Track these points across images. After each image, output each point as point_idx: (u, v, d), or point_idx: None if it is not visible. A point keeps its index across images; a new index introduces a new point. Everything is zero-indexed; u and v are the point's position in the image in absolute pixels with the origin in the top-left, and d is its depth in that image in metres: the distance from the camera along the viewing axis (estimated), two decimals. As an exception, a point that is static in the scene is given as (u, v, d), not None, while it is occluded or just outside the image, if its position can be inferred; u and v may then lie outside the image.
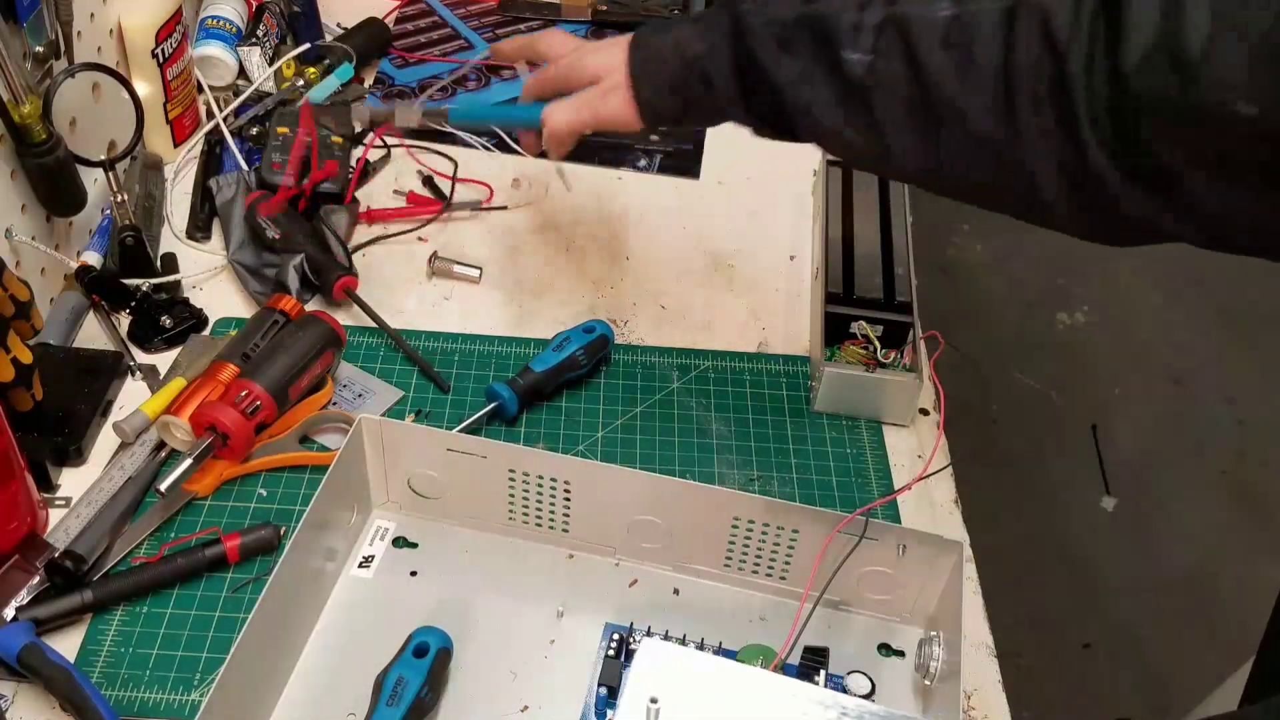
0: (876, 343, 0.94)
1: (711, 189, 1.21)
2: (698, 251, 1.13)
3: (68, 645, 0.76)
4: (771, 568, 0.81)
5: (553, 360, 0.94)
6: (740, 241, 1.14)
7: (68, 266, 0.99)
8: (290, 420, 0.90)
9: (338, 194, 1.09)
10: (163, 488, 0.82)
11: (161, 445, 0.89)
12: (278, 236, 1.02)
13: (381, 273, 1.04)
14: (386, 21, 1.36)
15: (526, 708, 0.75)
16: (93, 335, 0.98)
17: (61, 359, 0.93)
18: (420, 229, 1.10)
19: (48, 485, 0.86)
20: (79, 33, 0.99)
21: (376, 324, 0.99)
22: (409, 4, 1.42)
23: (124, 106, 1.02)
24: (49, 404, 0.87)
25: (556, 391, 0.96)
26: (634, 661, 0.60)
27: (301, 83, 1.22)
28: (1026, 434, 2.19)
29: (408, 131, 1.21)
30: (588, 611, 0.80)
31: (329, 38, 1.31)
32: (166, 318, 0.98)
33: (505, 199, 1.16)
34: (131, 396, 0.93)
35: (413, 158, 1.18)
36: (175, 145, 1.17)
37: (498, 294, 1.06)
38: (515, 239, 1.12)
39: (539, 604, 0.81)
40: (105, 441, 0.90)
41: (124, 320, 0.99)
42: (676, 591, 0.83)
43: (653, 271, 1.10)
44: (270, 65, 1.23)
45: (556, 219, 1.15)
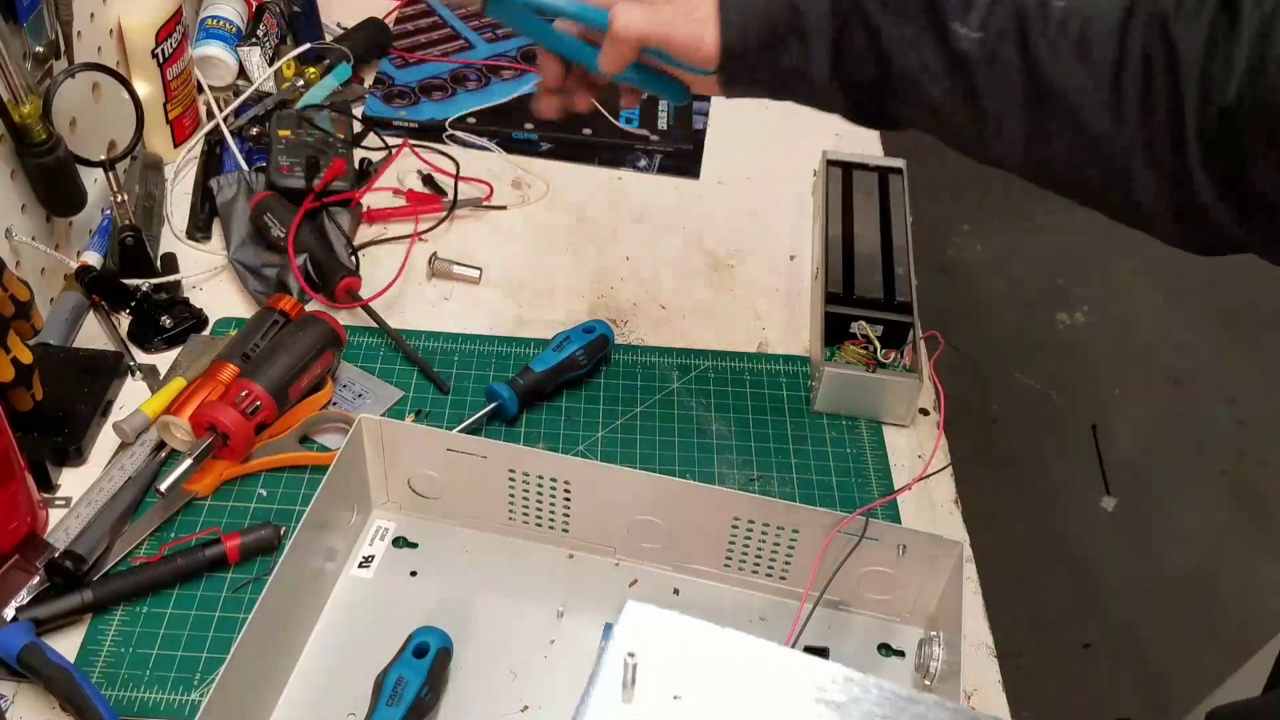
0: (876, 343, 0.94)
1: (711, 189, 1.21)
2: (698, 251, 1.13)
3: (68, 645, 0.76)
4: (771, 568, 0.81)
5: (553, 360, 0.94)
6: (740, 241, 1.14)
7: (68, 266, 0.99)
8: (290, 420, 0.90)
9: (345, 195, 1.09)
10: (163, 488, 0.82)
11: (161, 445, 0.89)
12: (282, 234, 1.01)
13: (382, 273, 1.04)
14: (386, 21, 1.36)
15: (526, 708, 0.75)
16: (93, 335, 0.98)
17: (61, 359, 0.93)
18: (421, 229, 1.10)
19: (48, 485, 0.86)
20: (79, 33, 0.99)
21: (377, 324, 0.99)
22: (409, 4, 1.42)
23: (124, 106, 1.02)
24: (49, 404, 0.87)
25: (556, 391, 0.96)
26: (618, 621, 0.60)
27: (301, 83, 1.22)
28: (1026, 434, 2.19)
29: (409, 131, 1.22)
30: (588, 611, 0.80)
31: (329, 38, 1.31)
32: (166, 318, 0.98)
33: (505, 199, 1.16)
34: (131, 396, 0.93)
35: (415, 155, 1.18)
36: (175, 145, 1.17)
37: (498, 294, 1.06)
38: (515, 239, 1.12)
39: (539, 604, 0.81)
40: (105, 441, 0.90)
41: (124, 320, 0.99)
42: (676, 591, 0.83)
43: (653, 271, 1.10)
44: (270, 65, 1.23)
45: (556, 219, 1.15)
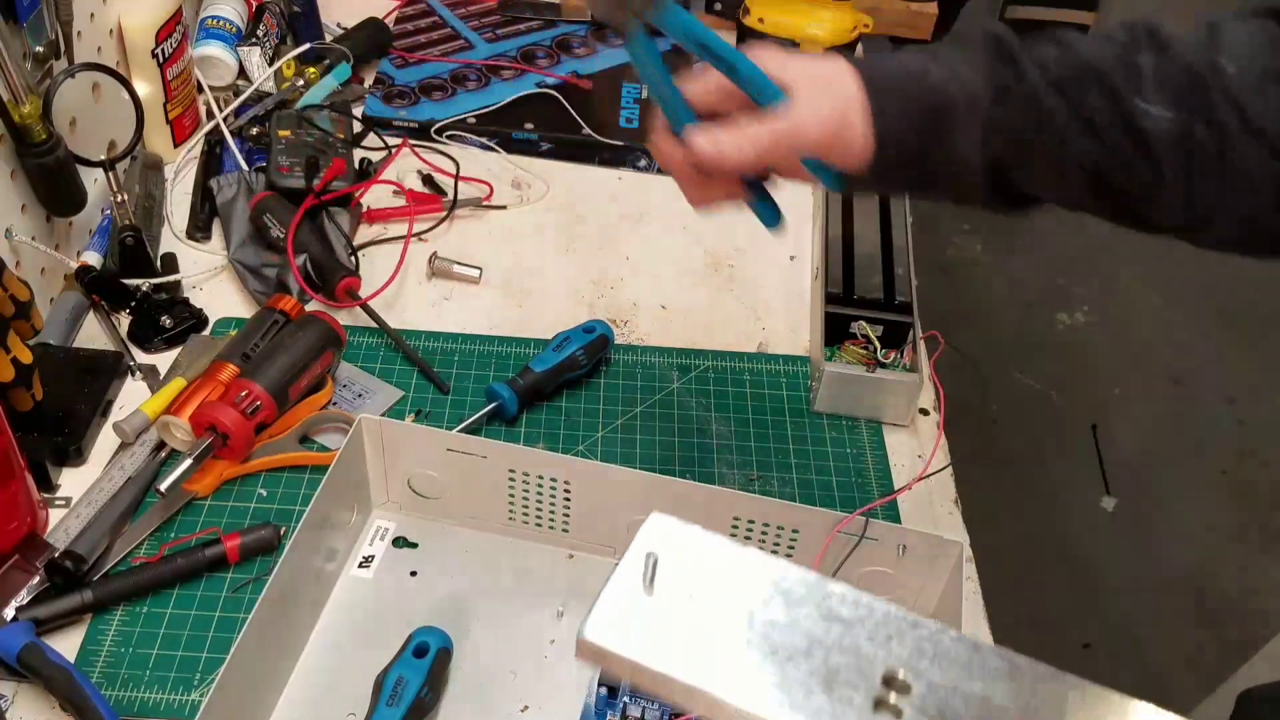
0: (876, 343, 0.94)
1: (711, 189, 1.21)
2: (698, 251, 1.13)
3: (68, 645, 0.76)
4: (771, 568, 0.81)
5: (553, 360, 0.94)
6: (740, 241, 1.14)
7: (68, 266, 0.99)
8: (290, 420, 0.90)
9: (344, 194, 1.09)
10: (163, 488, 0.82)
11: (161, 445, 0.89)
12: (282, 234, 1.01)
13: (382, 272, 1.04)
14: (386, 21, 1.36)
15: (526, 708, 0.75)
16: (93, 335, 0.98)
17: (61, 359, 0.93)
18: (420, 229, 1.10)
19: (48, 485, 0.86)
20: (79, 33, 0.99)
21: (377, 324, 0.99)
22: (409, 4, 1.42)
23: (124, 106, 1.02)
24: (49, 404, 0.87)
25: (556, 391, 0.96)
26: (640, 531, 0.59)
27: (301, 83, 1.22)
28: (1026, 434, 2.19)
29: (409, 131, 1.22)
30: (588, 611, 0.80)
31: (329, 38, 1.31)
32: (166, 318, 0.98)
33: (505, 199, 1.16)
34: (131, 396, 0.93)
35: (415, 155, 1.18)
36: (175, 145, 1.17)
37: (498, 294, 1.06)
38: (515, 239, 1.12)
39: (539, 604, 0.81)
40: (105, 441, 0.90)
41: (124, 320, 0.99)
42: (676, 591, 0.83)
43: (653, 271, 1.10)
44: (270, 65, 1.23)
45: (556, 219, 1.15)
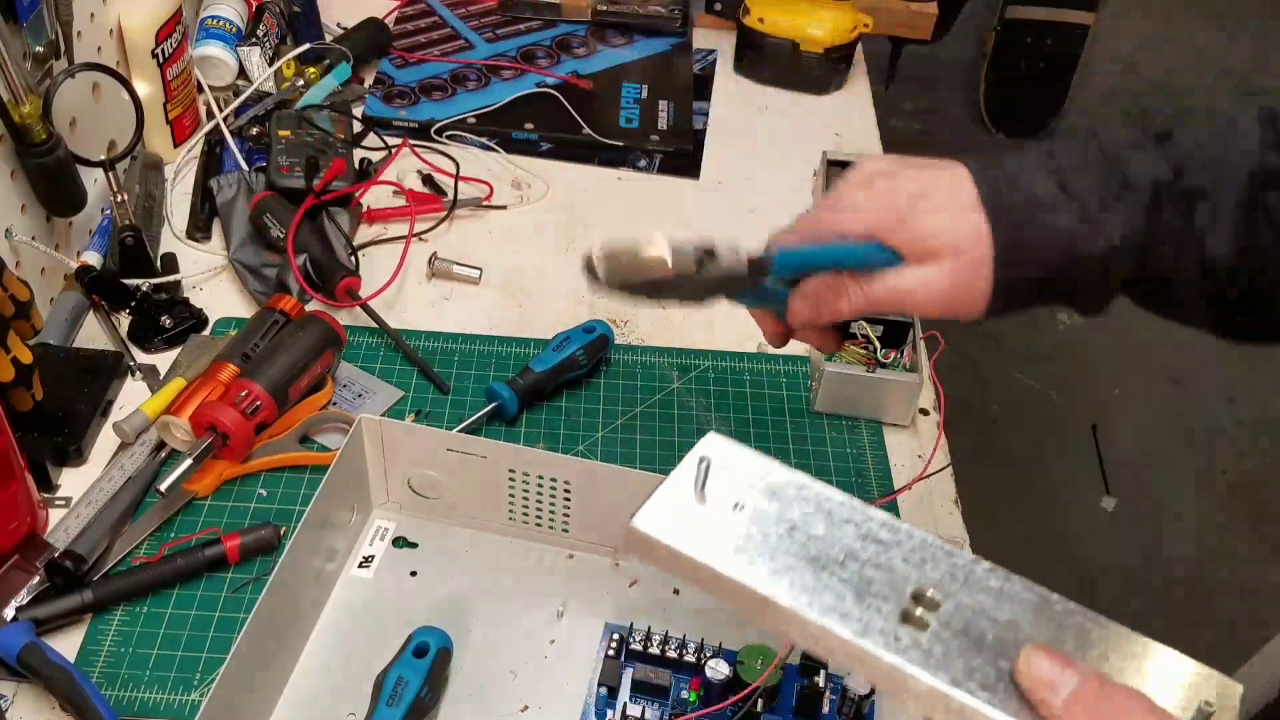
0: (876, 343, 0.94)
1: (711, 189, 1.21)
2: (698, 251, 1.12)
3: (68, 645, 0.76)
4: (771, 568, 0.81)
5: (553, 360, 0.94)
6: (740, 241, 1.13)
7: (68, 266, 0.99)
8: (290, 420, 0.90)
9: (344, 194, 1.09)
10: (163, 488, 0.82)
11: (161, 445, 0.89)
12: (282, 234, 1.01)
13: (381, 272, 1.04)
14: (386, 21, 1.36)
15: (526, 708, 0.75)
16: (93, 335, 0.98)
17: (61, 359, 0.93)
18: (420, 229, 1.10)
19: (48, 485, 0.86)
20: (79, 33, 0.99)
21: (377, 324, 0.99)
22: (409, 4, 1.42)
23: (124, 106, 1.02)
24: (49, 404, 0.87)
25: (556, 391, 0.96)
26: (695, 446, 0.60)
27: (301, 83, 1.22)
28: (1026, 434, 2.19)
29: (409, 131, 1.22)
30: (588, 611, 0.80)
31: (329, 38, 1.31)
32: (166, 318, 0.98)
33: (505, 199, 1.16)
34: (131, 396, 0.93)
35: (415, 155, 1.18)
36: (175, 145, 1.17)
37: (498, 294, 1.06)
38: (515, 239, 1.12)
39: (539, 604, 0.81)
40: (105, 441, 0.90)
41: (124, 320, 0.99)
42: (676, 592, 0.83)
43: (653, 271, 1.10)
44: (270, 65, 1.23)
45: (556, 219, 1.15)
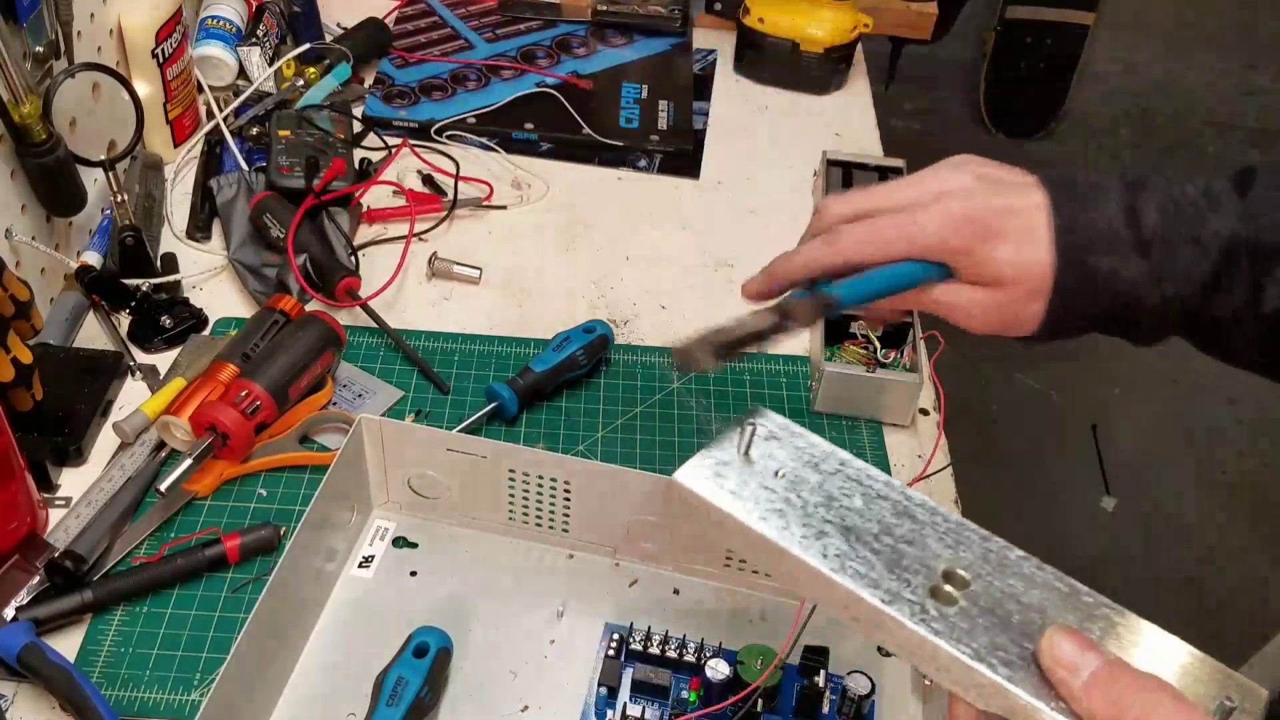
0: (876, 343, 0.94)
1: (711, 189, 1.21)
2: (698, 251, 1.13)
3: (68, 645, 0.76)
4: (771, 568, 0.81)
5: (553, 360, 0.94)
6: (740, 241, 1.14)
7: (68, 266, 0.99)
8: (290, 420, 0.90)
9: (344, 194, 1.09)
10: (163, 488, 0.82)
11: (161, 445, 0.89)
12: (282, 234, 1.01)
13: (382, 272, 1.04)
14: (386, 21, 1.36)
15: (526, 708, 0.75)
16: (93, 335, 0.98)
17: (61, 359, 0.93)
18: (420, 229, 1.10)
19: (48, 485, 0.86)
20: (79, 33, 0.99)
21: (377, 324, 0.99)
22: (409, 4, 1.42)
23: (124, 106, 1.02)
24: (49, 404, 0.87)
25: (556, 391, 0.96)
26: (745, 418, 0.61)
27: (301, 83, 1.22)
28: (1026, 434, 2.19)
29: (409, 131, 1.22)
30: (588, 611, 0.80)
31: (329, 38, 1.31)
32: (166, 318, 0.98)
33: (505, 199, 1.16)
34: (131, 396, 0.93)
35: (415, 155, 1.18)
36: (175, 145, 1.17)
37: (498, 294, 1.06)
38: (515, 239, 1.12)
39: (539, 604, 0.81)
40: (105, 441, 0.90)
41: (124, 320, 0.99)
42: (676, 591, 0.83)
43: (653, 271, 1.10)
44: (270, 65, 1.23)
45: (556, 219, 1.15)
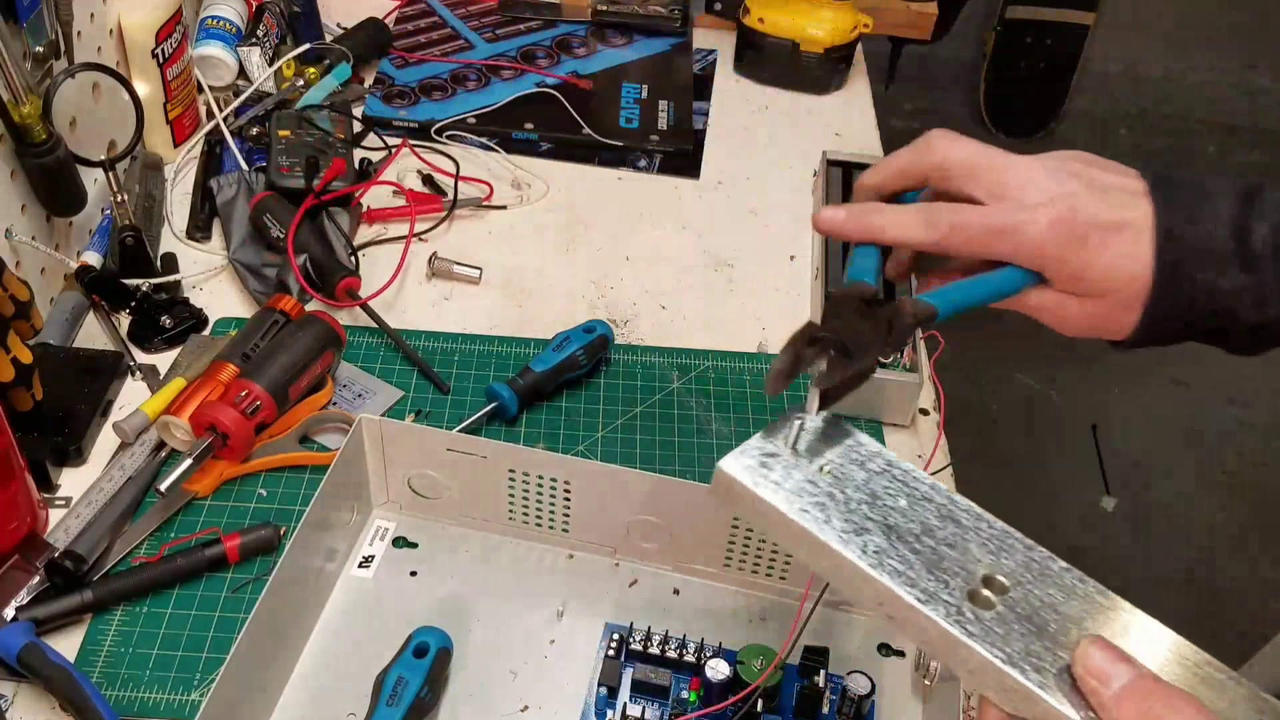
0: (876, 343, 0.94)
1: (711, 189, 1.21)
2: (698, 251, 1.13)
3: (68, 645, 0.76)
4: (771, 568, 0.81)
5: (553, 360, 0.94)
6: (740, 241, 1.14)
7: (68, 266, 0.99)
8: (290, 420, 0.90)
9: (344, 194, 1.09)
10: (163, 488, 0.82)
11: (161, 445, 0.89)
12: (282, 234, 1.01)
13: (382, 272, 1.04)
14: (386, 21, 1.36)
15: (526, 708, 0.75)
16: (93, 335, 0.98)
17: (61, 359, 0.92)
18: (420, 229, 1.10)
19: (48, 485, 0.86)
20: (79, 33, 0.99)
21: (377, 324, 0.99)
22: (409, 4, 1.42)
23: (124, 106, 1.02)
24: (49, 404, 0.87)
25: (556, 391, 0.96)
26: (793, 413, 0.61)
27: (301, 83, 1.22)
28: (1026, 434, 2.19)
29: (409, 131, 1.22)
30: (588, 611, 0.80)
31: (329, 38, 1.31)
32: (166, 318, 0.98)
33: (505, 199, 1.16)
34: (131, 396, 0.93)
35: (415, 155, 1.18)
36: (175, 145, 1.17)
37: (498, 294, 1.06)
38: (515, 239, 1.12)
39: (539, 604, 0.81)
40: (105, 441, 0.90)
41: (124, 320, 0.99)
42: (676, 591, 0.83)
43: (653, 271, 1.10)
44: (270, 65, 1.23)
45: (556, 219, 1.15)
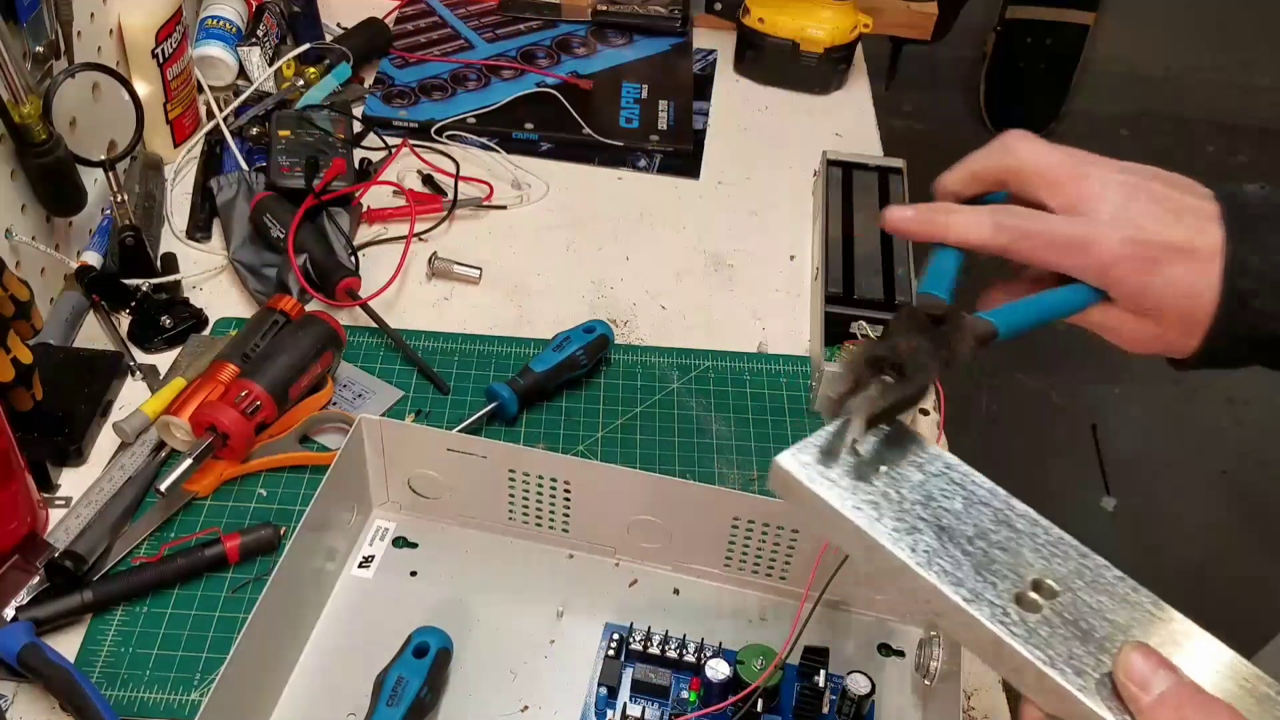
0: (876, 343, 0.94)
1: (711, 189, 1.21)
2: (698, 251, 1.13)
3: (68, 645, 0.76)
4: (771, 568, 0.81)
5: (553, 360, 0.94)
6: (740, 241, 1.14)
7: (68, 266, 0.99)
8: (290, 420, 0.90)
9: (344, 194, 1.09)
10: (163, 488, 0.82)
11: (161, 445, 0.89)
12: (282, 234, 1.01)
13: (382, 272, 1.04)
14: (386, 21, 1.36)
15: (526, 708, 0.75)
16: (93, 335, 0.98)
17: (61, 359, 0.92)
18: (420, 229, 1.10)
19: (48, 485, 0.86)
20: (79, 33, 0.99)
21: (377, 324, 0.99)
22: (409, 4, 1.42)
23: (124, 106, 1.02)
24: (49, 404, 0.87)
25: (556, 391, 0.96)
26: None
27: (301, 83, 1.22)
28: (1026, 434, 2.19)
29: (409, 131, 1.22)
30: (588, 611, 0.80)
31: (329, 38, 1.31)
32: (166, 318, 0.98)
33: (505, 199, 1.16)
34: (131, 396, 0.93)
35: (415, 155, 1.18)
36: (175, 145, 1.17)
37: (498, 294, 1.06)
38: (515, 239, 1.12)
39: (539, 604, 0.81)
40: (105, 441, 0.90)
41: (124, 320, 0.99)
42: (676, 591, 0.83)
43: (653, 271, 1.10)
44: (270, 65, 1.23)
45: (556, 219, 1.15)
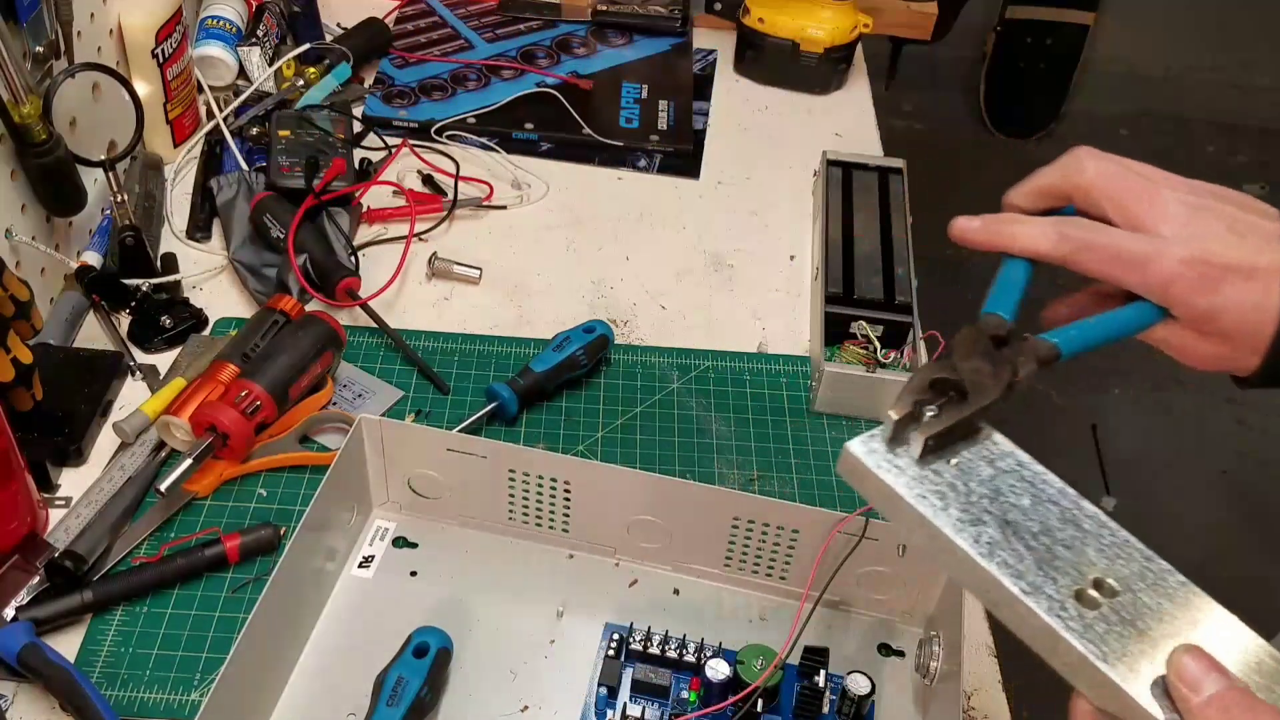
0: (876, 343, 0.94)
1: (711, 189, 1.21)
2: (698, 251, 1.13)
3: (68, 645, 0.76)
4: (771, 568, 0.81)
5: (553, 360, 0.94)
6: (740, 241, 1.14)
7: (68, 266, 0.99)
8: (290, 420, 0.90)
9: (344, 194, 1.09)
10: (163, 488, 0.82)
11: (161, 445, 0.89)
12: (282, 234, 1.01)
13: (382, 272, 1.04)
14: (386, 21, 1.36)
15: (526, 708, 0.75)
16: (93, 335, 0.98)
17: (61, 359, 0.92)
18: (420, 229, 1.10)
19: (48, 485, 0.86)
20: (79, 33, 0.99)
21: (377, 324, 0.99)
22: (409, 4, 1.42)
23: (124, 106, 1.02)
24: (49, 404, 0.87)
25: (556, 391, 0.96)
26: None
27: (301, 83, 1.22)
28: (1026, 434, 2.18)
29: (409, 131, 1.22)
30: (588, 611, 0.80)
31: (329, 38, 1.31)
32: (166, 318, 0.98)
33: (505, 199, 1.16)
34: (131, 396, 0.93)
35: (415, 155, 1.18)
36: (175, 145, 1.17)
37: (498, 294, 1.06)
38: (515, 239, 1.12)
39: (539, 604, 0.81)
40: (105, 441, 0.90)
41: (124, 320, 0.99)
42: (676, 591, 0.83)
43: (653, 271, 1.10)
44: (270, 65, 1.23)
45: (556, 219, 1.15)
